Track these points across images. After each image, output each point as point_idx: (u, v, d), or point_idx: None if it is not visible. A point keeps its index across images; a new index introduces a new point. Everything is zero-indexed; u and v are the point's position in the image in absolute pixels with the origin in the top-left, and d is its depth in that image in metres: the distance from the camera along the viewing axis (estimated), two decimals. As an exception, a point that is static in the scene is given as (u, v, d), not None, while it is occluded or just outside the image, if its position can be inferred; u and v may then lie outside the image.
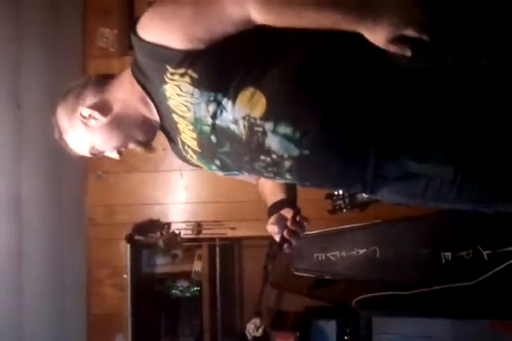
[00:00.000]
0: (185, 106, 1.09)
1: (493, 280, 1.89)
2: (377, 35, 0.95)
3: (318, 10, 0.97)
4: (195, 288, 2.72)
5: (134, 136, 1.19)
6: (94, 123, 1.18)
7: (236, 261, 2.84)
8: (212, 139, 1.13)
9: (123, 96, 1.18)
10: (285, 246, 1.19)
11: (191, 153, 1.22)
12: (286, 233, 1.18)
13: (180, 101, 1.09)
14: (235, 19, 1.02)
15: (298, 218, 1.21)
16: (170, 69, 1.06)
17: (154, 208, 2.71)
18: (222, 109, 1.07)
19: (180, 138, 1.21)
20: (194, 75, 1.04)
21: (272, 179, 1.20)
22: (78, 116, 1.18)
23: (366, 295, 2.16)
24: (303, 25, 0.99)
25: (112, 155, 1.23)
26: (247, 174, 1.23)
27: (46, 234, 2.44)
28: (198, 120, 1.11)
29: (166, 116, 1.18)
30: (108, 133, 1.18)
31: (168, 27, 1.04)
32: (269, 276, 2.52)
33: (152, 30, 1.06)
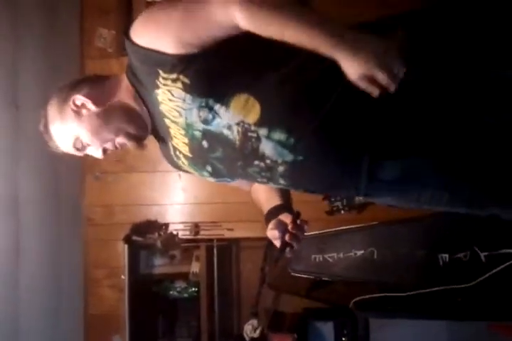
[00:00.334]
0: (177, 112, 1.10)
1: (491, 281, 1.89)
2: (351, 69, 0.95)
3: (300, 30, 0.97)
4: (193, 289, 2.72)
5: (124, 129, 1.17)
6: (85, 113, 1.16)
7: (234, 262, 2.84)
8: (204, 144, 1.13)
9: (118, 94, 1.18)
10: (287, 250, 1.18)
11: (183, 158, 1.22)
12: (287, 237, 1.17)
13: (172, 106, 1.09)
14: (222, 25, 1.03)
15: (298, 221, 1.20)
16: (162, 74, 1.06)
17: (152, 209, 2.71)
18: (215, 114, 1.07)
19: (171, 144, 1.22)
20: (186, 81, 1.05)
21: (265, 184, 1.20)
22: (71, 104, 1.16)
23: (364, 297, 2.17)
24: (285, 40, 0.99)
25: (96, 153, 1.20)
26: (238, 180, 1.23)
27: (44, 234, 2.44)
28: (189, 125, 1.11)
29: (158, 121, 1.18)
30: (98, 124, 1.16)
31: (160, 32, 1.05)
32: (267, 277, 2.53)
33: (145, 34, 1.07)
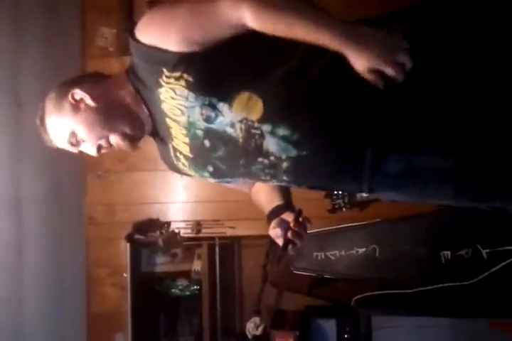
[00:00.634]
0: (179, 110, 1.10)
1: (492, 279, 1.90)
2: (358, 62, 0.98)
3: (309, 26, 0.99)
4: (195, 287, 2.72)
5: (120, 128, 1.16)
6: (83, 107, 1.16)
7: (236, 260, 2.85)
8: (206, 143, 1.13)
9: (117, 92, 1.18)
10: (289, 247, 1.18)
11: (183, 159, 1.22)
12: (290, 234, 1.18)
13: (174, 104, 1.09)
14: (230, 23, 1.03)
15: (301, 219, 1.20)
16: (166, 72, 1.06)
17: (154, 207, 2.71)
18: (218, 112, 1.07)
19: (172, 145, 1.21)
20: (189, 79, 1.05)
21: (269, 182, 1.19)
22: (69, 98, 1.16)
23: (366, 294, 2.17)
24: (293, 37, 1.01)
25: (90, 150, 1.19)
26: (240, 180, 1.23)
27: (46, 233, 2.44)
28: (191, 124, 1.11)
29: (159, 121, 1.18)
30: (94, 119, 1.16)
31: (165, 30, 1.05)
32: (269, 275, 2.53)
33: (149, 33, 1.07)
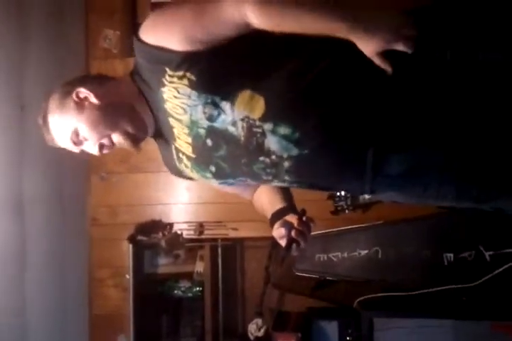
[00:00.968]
0: (182, 109, 1.10)
1: (495, 281, 1.89)
2: (368, 47, 0.99)
3: (315, 16, 1.00)
4: (197, 289, 2.73)
5: (123, 126, 1.16)
6: (87, 105, 1.16)
7: (238, 262, 2.85)
8: (208, 142, 1.13)
9: (121, 93, 1.18)
10: (293, 247, 1.17)
11: (185, 160, 1.22)
12: (293, 233, 1.17)
13: (177, 103, 1.10)
14: (233, 22, 1.04)
15: (304, 218, 1.20)
16: (169, 71, 1.07)
17: (157, 208, 2.71)
18: (220, 111, 1.07)
19: (174, 146, 1.21)
20: (192, 77, 1.05)
21: (270, 182, 1.19)
22: (73, 96, 1.16)
23: (368, 296, 2.17)
24: (299, 30, 1.02)
25: (92, 150, 1.19)
26: (242, 183, 1.23)
27: (49, 233, 2.45)
28: (194, 123, 1.11)
29: (162, 122, 1.18)
30: (97, 117, 1.16)
31: (168, 29, 1.06)
32: (271, 277, 2.53)
33: (153, 32, 1.08)
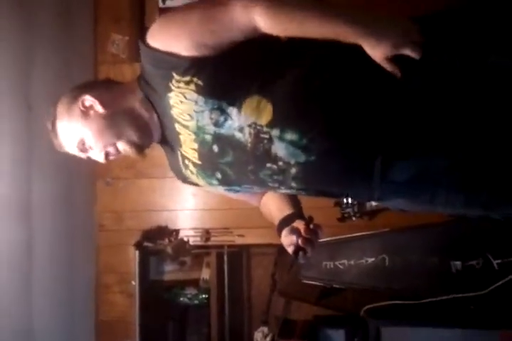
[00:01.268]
0: (189, 115, 1.10)
1: (504, 289, 1.87)
2: (377, 51, 0.99)
3: (323, 20, 1.00)
4: (204, 296, 2.72)
5: (127, 135, 1.17)
6: (92, 114, 1.17)
7: (244, 269, 2.83)
8: (214, 149, 1.13)
9: (127, 100, 1.19)
10: (300, 255, 1.15)
11: (191, 167, 1.21)
12: (300, 241, 1.15)
13: (183, 108, 1.10)
14: (241, 27, 1.04)
15: (311, 226, 1.19)
16: (176, 76, 1.07)
17: (163, 214, 2.71)
18: (227, 116, 1.07)
19: (180, 152, 1.21)
20: (199, 83, 1.05)
21: (277, 189, 1.19)
22: (79, 104, 1.17)
23: (375, 304, 2.15)
24: (307, 35, 1.01)
25: (98, 157, 1.20)
26: (248, 190, 1.22)
27: (56, 239, 2.45)
28: (200, 128, 1.11)
29: (168, 128, 1.18)
30: (103, 126, 1.17)
31: (175, 34, 1.06)
32: (277, 284, 2.52)
33: (160, 37, 1.08)
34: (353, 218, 2.31)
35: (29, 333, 2.24)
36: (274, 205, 1.32)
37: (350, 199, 2.28)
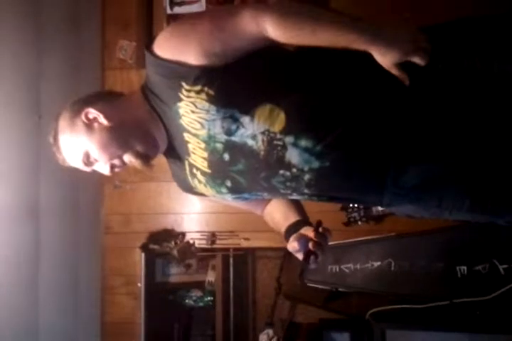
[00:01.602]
0: (199, 123, 1.09)
1: (510, 294, 1.87)
2: (386, 58, 0.99)
3: (334, 28, 1.00)
4: (209, 298, 2.73)
5: (133, 147, 1.15)
6: (96, 127, 1.15)
7: (250, 272, 2.84)
8: (225, 157, 1.12)
9: (131, 110, 1.17)
10: (311, 259, 1.15)
11: (200, 175, 1.20)
12: (311, 245, 1.15)
13: (194, 118, 1.09)
14: (251, 35, 1.04)
15: (321, 229, 1.18)
16: (185, 85, 1.06)
17: (169, 217, 2.72)
18: (239, 125, 1.07)
19: (188, 161, 1.20)
20: (210, 92, 1.05)
21: (289, 195, 1.19)
22: (82, 117, 1.15)
23: (381, 308, 2.15)
24: (317, 43, 1.02)
25: (104, 169, 1.19)
26: (258, 193, 1.21)
27: (63, 241, 2.47)
28: (211, 137, 1.11)
29: (175, 137, 1.17)
30: (107, 138, 1.15)
31: (185, 43, 1.05)
32: (283, 287, 2.52)
33: (169, 47, 1.07)
34: (359, 222, 2.31)
35: (35, 334, 2.25)
36: (278, 213, 1.31)
37: (356, 204, 2.28)
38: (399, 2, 2.46)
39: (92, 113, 1.16)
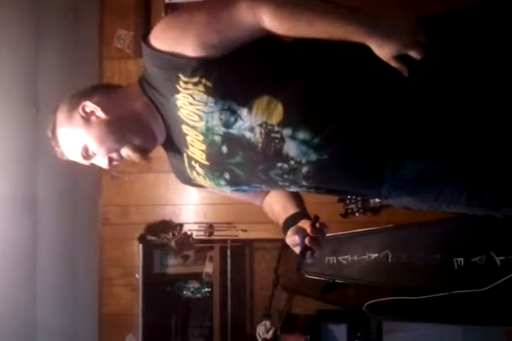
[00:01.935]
0: (198, 115, 1.09)
1: (506, 286, 1.88)
2: (384, 50, 0.99)
3: (330, 20, 0.99)
4: (206, 289, 2.74)
5: (131, 140, 1.15)
6: (94, 120, 1.14)
7: (247, 263, 2.85)
8: (223, 150, 1.12)
9: (129, 103, 1.17)
10: (308, 254, 1.16)
11: (198, 168, 1.20)
12: (307, 240, 1.16)
13: (192, 110, 1.08)
14: (248, 26, 1.03)
15: (317, 225, 1.19)
16: (183, 78, 1.05)
17: (167, 209, 2.72)
18: (237, 117, 1.07)
19: (186, 154, 1.20)
20: (208, 84, 1.04)
21: (287, 188, 1.19)
22: (80, 110, 1.15)
23: (377, 300, 2.16)
24: (314, 34, 1.01)
25: (102, 162, 1.18)
26: (256, 186, 1.21)
27: (60, 232, 2.47)
28: (209, 129, 1.10)
29: (174, 129, 1.17)
30: (105, 132, 1.14)
31: (182, 35, 1.05)
32: (280, 279, 2.53)
33: (166, 38, 1.06)
34: (357, 214, 2.31)
35: (33, 325, 2.26)
36: (277, 205, 1.31)
37: (354, 196, 2.29)
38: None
39: (89, 106, 1.15)
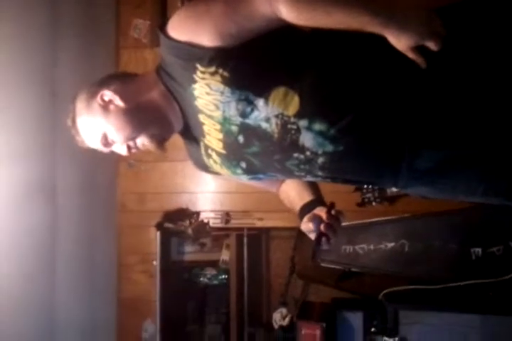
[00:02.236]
0: (214, 105, 1.09)
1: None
2: (401, 41, 0.98)
3: (347, 10, 0.98)
4: (223, 276, 2.76)
5: (148, 129, 1.16)
6: (112, 108, 1.16)
7: (263, 251, 2.86)
8: (240, 139, 1.13)
9: (147, 92, 1.17)
10: (323, 241, 1.15)
11: (215, 156, 1.21)
12: (323, 227, 1.15)
13: (209, 99, 1.09)
14: (265, 16, 1.03)
15: (333, 212, 1.19)
16: (200, 67, 1.06)
17: (184, 197, 2.74)
18: (254, 107, 1.07)
19: (203, 142, 1.21)
20: (225, 74, 1.05)
21: (303, 177, 1.19)
22: (98, 99, 1.16)
23: (394, 289, 2.16)
24: (331, 25, 1.00)
25: (120, 150, 1.20)
26: (272, 174, 1.21)
27: (79, 219, 2.50)
28: (226, 119, 1.11)
29: (191, 118, 1.17)
30: (124, 121, 1.15)
31: (199, 25, 1.05)
32: (296, 267, 2.54)
33: (183, 28, 1.07)
34: (373, 203, 2.30)
35: (52, 310, 2.30)
36: (294, 192, 1.31)
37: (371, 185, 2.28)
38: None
39: (107, 95, 1.16)
